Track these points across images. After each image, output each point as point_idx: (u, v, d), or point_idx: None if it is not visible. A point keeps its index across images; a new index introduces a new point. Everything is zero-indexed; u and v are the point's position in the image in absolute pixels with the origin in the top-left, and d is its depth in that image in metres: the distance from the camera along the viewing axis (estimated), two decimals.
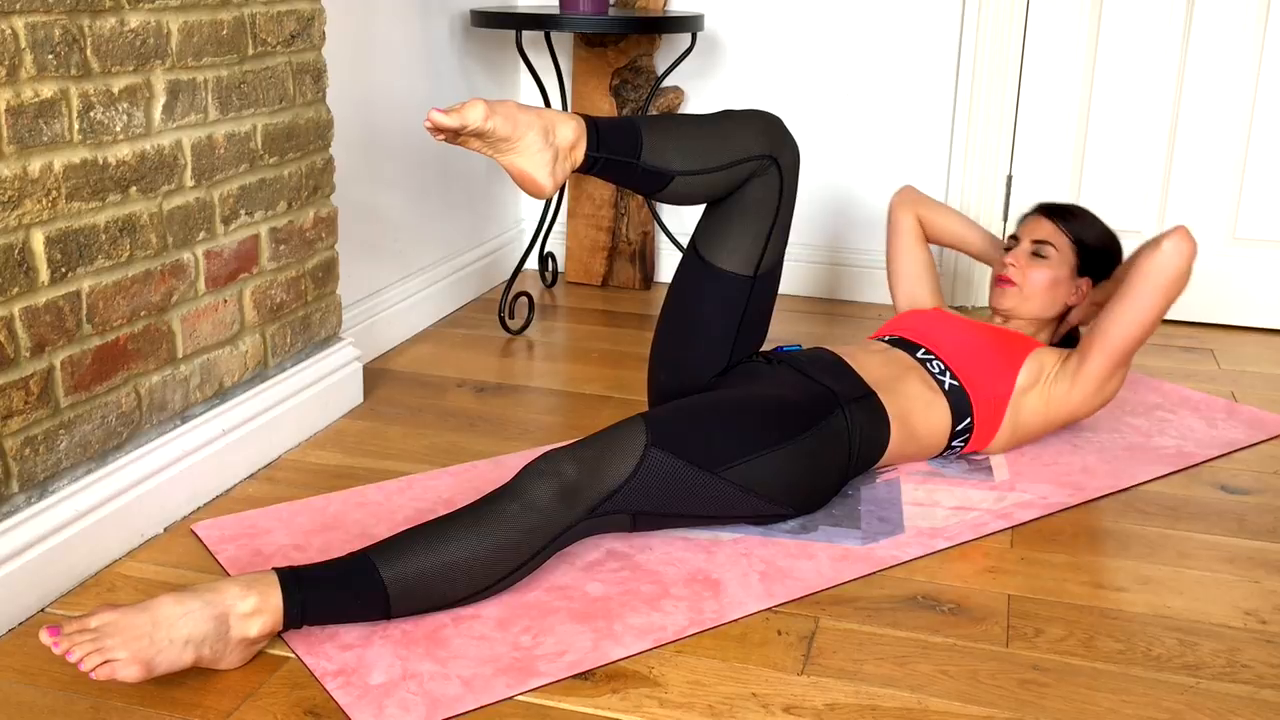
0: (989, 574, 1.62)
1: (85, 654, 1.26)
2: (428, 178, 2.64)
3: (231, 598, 1.34)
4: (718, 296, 1.81)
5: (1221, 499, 1.86)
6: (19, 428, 1.45)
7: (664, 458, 1.54)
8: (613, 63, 2.92)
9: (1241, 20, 2.61)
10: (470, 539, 1.43)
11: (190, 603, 1.32)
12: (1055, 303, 2.03)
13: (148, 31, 1.59)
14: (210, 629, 1.32)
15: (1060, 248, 2.03)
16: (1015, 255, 2.04)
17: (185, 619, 1.31)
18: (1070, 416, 1.94)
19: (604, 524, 1.54)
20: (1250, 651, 1.45)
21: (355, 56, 2.29)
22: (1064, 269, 2.03)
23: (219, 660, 1.34)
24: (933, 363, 1.90)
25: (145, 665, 1.27)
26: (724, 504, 1.61)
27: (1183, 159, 2.72)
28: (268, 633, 1.36)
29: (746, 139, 1.72)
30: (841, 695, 1.34)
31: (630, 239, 3.01)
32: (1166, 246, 1.81)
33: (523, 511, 1.45)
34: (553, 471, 1.48)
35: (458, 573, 1.42)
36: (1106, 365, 1.88)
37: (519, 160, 1.59)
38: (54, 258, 1.47)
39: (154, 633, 1.29)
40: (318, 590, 1.39)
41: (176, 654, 1.30)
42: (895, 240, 2.23)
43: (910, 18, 2.79)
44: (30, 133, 1.42)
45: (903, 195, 2.24)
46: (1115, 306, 1.86)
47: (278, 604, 1.36)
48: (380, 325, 2.46)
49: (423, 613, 1.46)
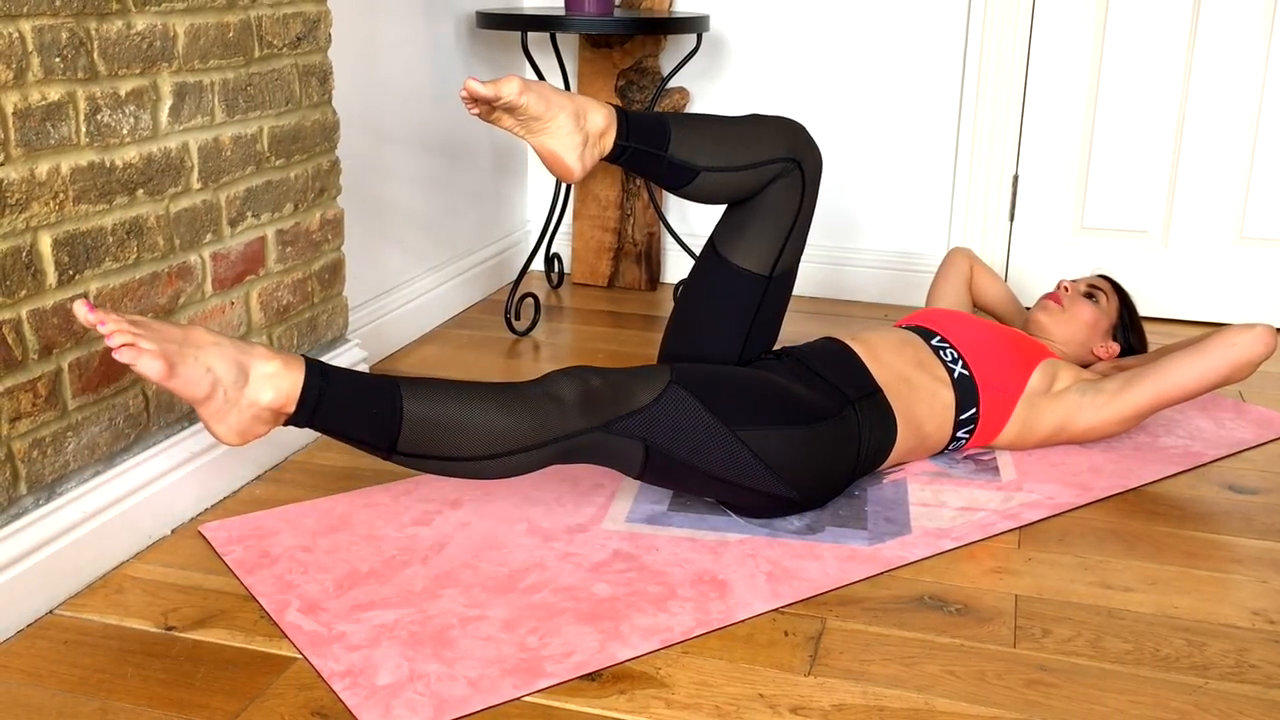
0: (996, 574, 1.62)
1: (117, 329, 1.29)
2: (434, 179, 2.64)
3: (258, 355, 1.39)
4: (732, 293, 1.81)
5: (1229, 499, 1.86)
6: (27, 430, 1.46)
7: (686, 396, 1.59)
8: (618, 64, 2.92)
9: (1248, 20, 2.61)
10: (491, 406, 1.49)
11: (222, 340, 1.38)
12: (1088, 342, 2.11)
13: (154, 34, 1.60)
14: (231, 373, 1.36)
15: (1110, 301, 2.14)
16: (1069, 284, 2.14)
17: (214, 349, 1.36)
18: (1085, 433, 1.95)
19: (616, 447, 1.56)
20: (1259, 651, 1.44)
21: (361, 58, 2.29)
22: (1105, 320, 2.12)
23: (224, 415, 1.37)
24: (946, 350, 1.91)
25: (168, 363, 1.31)
26: (733, 465, 1.61)
27: (1189, 159, 2.72)
28: (277, 407, 1.39)
29: (773, 141, 1.74)
30: (848, 696, 1.34)
31: (636, 240, 3.01)
32: (1258, 330, 1.87)
33: (544, 400, 1.51)
34: (580, 376, 1.55)
35: (470, 431, 1.47)
36: (1148, 402, 1.91)
37: (549, 141, 1.62)
38: (61, 260, 1.48)
39: (183, 345, 1.34)
40: (339, 390, 1.43)
41: (197, 374, 1.34)
42: (945, 273, 2.34)
43: (916, 18, 2.78)
44: (37, 135, 1.42)
45: (963, 249, 2.38)
46: (1185, 357, 1.90)
47: (297, 381, 1.40)
48: (387, 326, 2.47)
49: (423, 460, 1.49)
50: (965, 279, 2.33)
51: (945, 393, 1.87)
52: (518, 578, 1.57)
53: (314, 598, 1.51)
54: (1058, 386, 1.95)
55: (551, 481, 1.86)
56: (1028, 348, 1.97)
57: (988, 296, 2.35)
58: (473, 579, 1.57)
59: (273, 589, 1.53)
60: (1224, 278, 2.75)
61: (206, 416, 1.38)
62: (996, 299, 2.35)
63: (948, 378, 1.88)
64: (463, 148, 2.76)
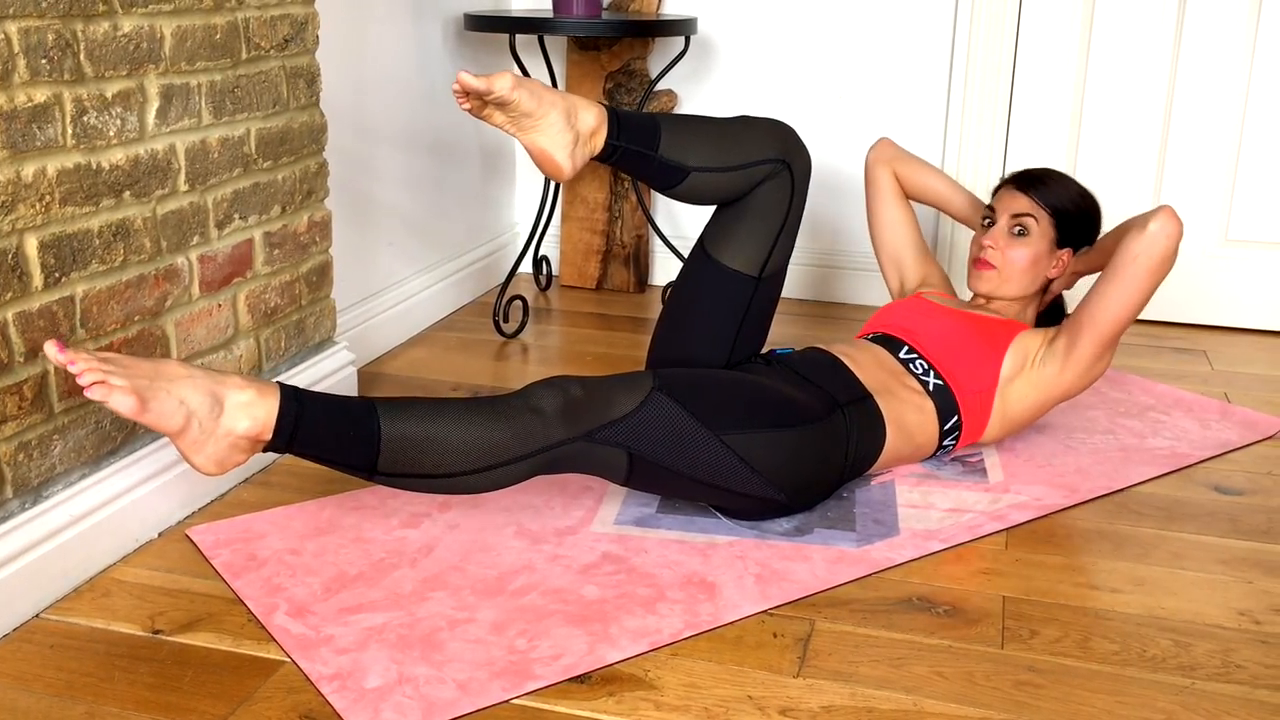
0: (984, 576, 1.62)
1: (87, 368, 1.29)
2: (422, 182, 2.64)
3: (231, 385, 1.38)
4: (721, 293, 1.81)
5: (1215, 500, 1.87)
6: (13, 433, 1.45)
7: (668, 403, 1.57)
8: (606, 66, 2.92)
9: (1233, 21, 2.62)
10: (471, 421, 1.47)
11: (195, 372, 1.37)
12: (1035, 279, 2.00)
13: (141, 36, 1.59)
14: (205, 404, 1.35)
15: (1039, 220, 1.98)
16: (993, 235, 1.99)
17: (187, 382, 1.35)
18: (1062, 397, 1.91)
19: (600, 455, 1.54)
20: (1245, 652, 1.45)
21: (349, 61, 2.29)
22: (1043, 243, 1.98)
23: (201, 445, 1.36)
24: (916, 362, 1.90)
25: (140, 399, 1.30)
26: (719, 470, 1.61)
27: (1175, 160, 2.73)
28: (254, 435, 1.38)
29: (762, 142, 1.74)
30: (837, 697, 1.35)
31: (624, 242, 3.01)
32: (1153, 228, 1.75)
33: (524, 412, 1.50)
34: (560, 386, 1.54)
35: (450, 447, 1.46)
36: (1096, 347, 1.84)
37: (540, 139, 1.63)
38: (47, 262, 1.47)
39: (155, 379, 1.33)
40: (315, 414, 1.41)
41: (170, 408, 1.33)
42: (873, 198, 2.19)
43: (902, 19, 2.79)
44: (24, 137, 1.41)
45: (879, 150, 2.19)
46: (1103, 288, 1.81)
47: (273, 408, 1.39)
48: (375, 329, 2.46)
49: (404, 479, 1.48)
50: (894, 192, 2.17)
51: (927, 403, 1.87)
52: (506, 580, 1.57)
53: (302, 601, 1.51)
54: (1030, 359, 1.89)
55: (540, 484, 1.86)
56: (994, 331, 1.91)
57: (924, 192, 2.18)
58: (461, 581, 1.57)
59: (260, 592, 1.53)
60: (1210, 280, 2.76)
61: (183, 448, 1.37)
62: (934, 192, 2.18)
63: (923, 390, 1.88)
64: (451, 150, 2.76)
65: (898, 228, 2.18)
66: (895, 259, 2.18)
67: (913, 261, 2.17)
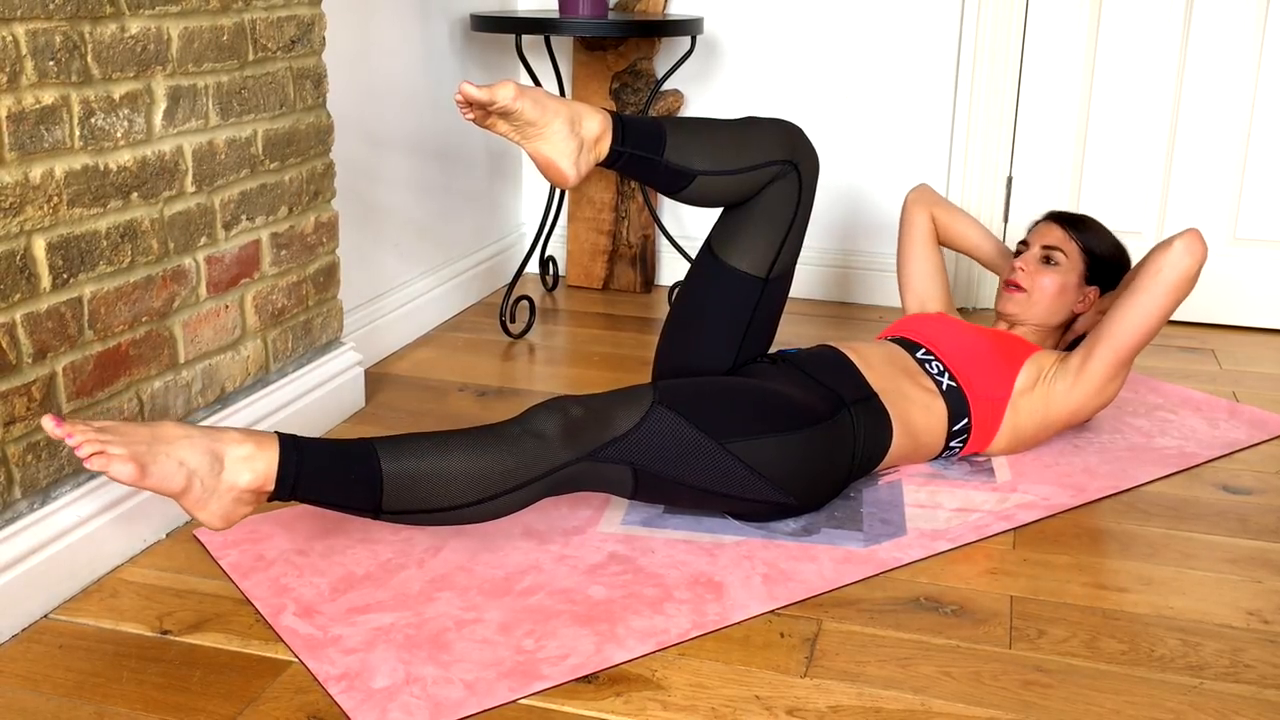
0: (991, 575, 1.62)
1: (85, 439, 1.28)
2: (429, 182, 2.64)
3: (229, 440, 1.37)
4: (728, 294, 1.81)
5: (1224, 499, 1.86)
6: (22, 434, 1.46)
7: (670, 416, 1.57)
8: (612, 66, 2.92)
9: (1241, 21, 2.61)
10: (471, 452, 1.46)
11: (192, 431, 1.36)
12: (1062, 309, 2.04)
13: (148, 38, 1.60)
14: (205, 462, 1.34)
15: (1070, 255, 2.04)
16: (1025, 260, 2.05)
17: (185, 442, 1.34)
18: (1071, 417, 1.93)
19: (605, 473, 1.54)
20: (1253, 652, 1.45)
21: (355, 61, 2.29)
22: (1072, 276, 2.03)
23: (205, 503, 1.36)
24: (932, 363, 1.90)
25: (140, 466, 1.30)
26: (726, 479, 1.61)
27: (1183, 160, 2.72)
28: (256, 488, 1.37)
29: (769, 144, 1.73)
30: (844, 697, 1.34)
31: (631, 242, 3.01)
32: (1178, 246, 1.80)
33: (525, 437, 1.49)
34: (560, 408, 1.53)
35: (453, 480, 1.45)
36: (1111, 364, 1.86)
37: (544, 147, 1.62)
38: (55, 264, 1.47)
39: (153, 444, 1.32)
40: (316, 461, 1.40)
41: (170, 470, 1.32)
42: (907, 239, 2.24)
43: (909, 20, 2.79)
44: (31, 139, 1.42)
45: (919, 194, 2.25)
46: (1123, 305, 1.85)
47: (273, 460, 1.38)
48: (381, 329, 2.47)
49: (411, 515, 1.47)
50: (929, 236, 2.22)
51: (937, 403, 1.87)
52: (513, 580, 1.57)
53: (309, 601, 1.51)
54: (1044, 375, 1.91)
55: None
56: (1011, 347, 1.95)
57: (956, 239, 2.23)
58: (468, 582, 1.57)
59: (268, 592, 1.53)
60: (1218, 278, 2.76)
61: (188, 506, 1.36)
62: (966, 240, 2.23)
63: (936, 389, 1.88)
64: (457, 150, 2.76)
65: (930, 279, 2.22)
66: (919, 298, 2.22)
67: (937, 301, 2.22)
